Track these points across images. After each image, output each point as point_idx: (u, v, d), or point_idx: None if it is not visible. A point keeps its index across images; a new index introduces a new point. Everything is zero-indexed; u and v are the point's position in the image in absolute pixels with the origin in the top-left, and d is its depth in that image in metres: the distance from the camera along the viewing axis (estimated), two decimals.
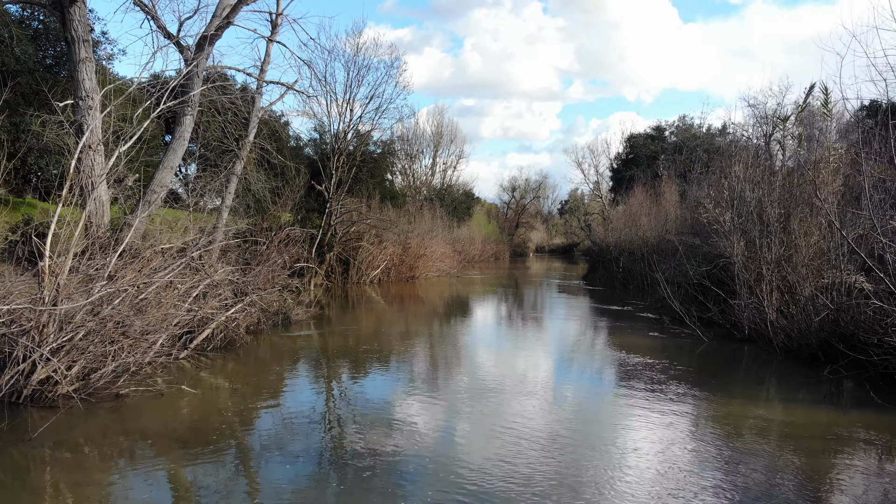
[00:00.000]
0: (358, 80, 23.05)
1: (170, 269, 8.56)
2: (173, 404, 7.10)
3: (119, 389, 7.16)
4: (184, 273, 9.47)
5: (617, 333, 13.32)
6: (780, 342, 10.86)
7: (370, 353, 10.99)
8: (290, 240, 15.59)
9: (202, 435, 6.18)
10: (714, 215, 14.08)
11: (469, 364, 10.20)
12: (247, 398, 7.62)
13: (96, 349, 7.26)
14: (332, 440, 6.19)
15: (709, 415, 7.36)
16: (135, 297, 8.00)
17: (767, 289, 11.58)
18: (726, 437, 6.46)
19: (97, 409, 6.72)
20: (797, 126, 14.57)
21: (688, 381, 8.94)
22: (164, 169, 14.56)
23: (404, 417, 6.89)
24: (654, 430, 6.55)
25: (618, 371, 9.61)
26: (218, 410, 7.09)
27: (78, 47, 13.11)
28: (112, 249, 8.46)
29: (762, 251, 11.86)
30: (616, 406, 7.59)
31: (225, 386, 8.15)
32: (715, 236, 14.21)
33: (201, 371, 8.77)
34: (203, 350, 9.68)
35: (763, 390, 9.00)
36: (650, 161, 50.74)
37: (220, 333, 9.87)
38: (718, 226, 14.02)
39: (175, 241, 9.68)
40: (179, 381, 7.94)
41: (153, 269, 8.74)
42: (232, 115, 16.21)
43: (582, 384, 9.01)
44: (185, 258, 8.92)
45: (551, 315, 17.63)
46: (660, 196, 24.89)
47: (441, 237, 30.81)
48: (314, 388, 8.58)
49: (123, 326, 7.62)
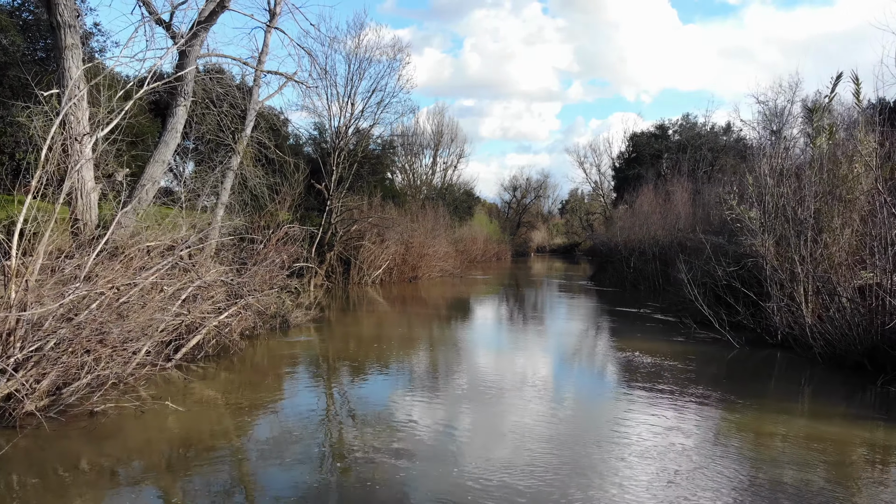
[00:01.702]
0: (359, 74, 22.22)
1: (155, 268, 7.70)
2: (155, 423, 6.25)
3: (94, 406, 6.30)
4: (172, 274, 8.62)
5: (639, 338, 12.47)
6: (819, 348, 10.03)
7: (374, 361, 10.15)
8: (288, 238, 14.74)
9: (185, 462, 5.33)
10: (739, 212, 13.28)
11: (482, 374, 9.35)
12: (239, 415, 6.77)
13: (69, 360, 6.40)
14: (336, 471, 5.34)
15: (753, 430, 6.52)
16: (115, 300, 7.15)
17: (803, 290, 10.76)
18: (777, 457, 5.62)
19: (67, 430, 5.87)
20: (825, 117, 13.73)
21: (723, 391, 8.11)
22: (155, 163, 13.69)
23: (418, 441, 6.04)
24: (692, 453, 5.71)
25: (645, 379, 8.77)
26: (206, 430, 6.25)
27: (64, 33, 12.24)
28: (91, 247, 7.61)
29: (797, 249, 11.02)
30: (645, 418, 6.75)
31: (215, 399, 7.29)
32: (739, 234, 13.41)
33: (190, 382, 7.92)
34: (193, 358, 8.83)
35: (808, 402, 8.16)
36: (654, 160, 50.05)
37: (211, 340, 9.02)
38: (743, 223, 13.22)
39: (163, 238, 8.82)
40: (165, 395, 7.10)
41: (137, 269, 7.89)
42: (228, 107, 15.37)
43: (607, 394, 8.15)
44: (173, 257, 8.06)
45: (565, 318, 16.77)
46: (671, 194, 24.07)
47: (444, 236, 29.97)
48: (314, 400, 7.73)
49: (101, 334, 6.77)
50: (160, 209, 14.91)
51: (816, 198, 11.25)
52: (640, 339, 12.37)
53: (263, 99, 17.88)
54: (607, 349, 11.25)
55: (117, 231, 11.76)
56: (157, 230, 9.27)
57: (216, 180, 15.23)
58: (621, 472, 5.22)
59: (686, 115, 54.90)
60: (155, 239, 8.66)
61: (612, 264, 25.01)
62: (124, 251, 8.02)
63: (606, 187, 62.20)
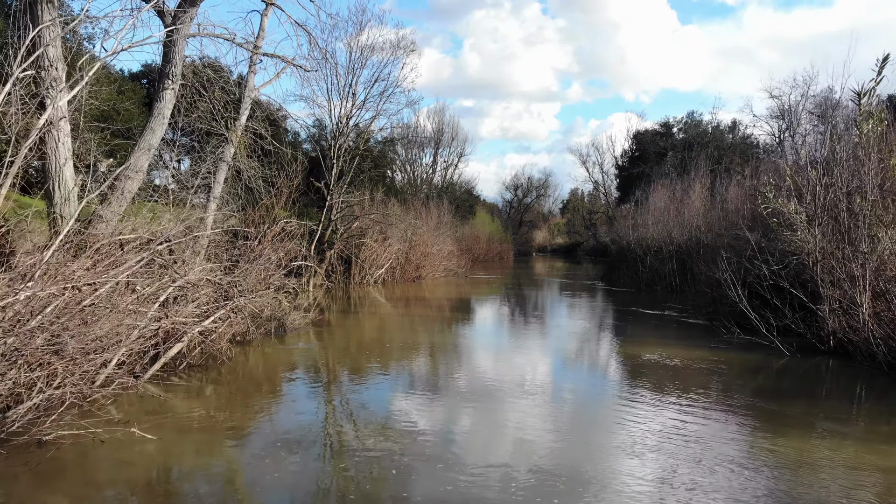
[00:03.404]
0: (361, 63, 21.04)
1: (126, 265, 6.51)
2: (117, 456, 5.06)
3: (43, 434, 5.12)
4: (149, 272, 7.44)
5: (673, 345, 11.28)
6: (884, 357, 8.89)
7: (382, 373, 8.97)
8: (285, 234, 13.56)
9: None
10: (777, 206, 12.13)
11: (504, 389, 8.18)
12: (221, 444, 5.59)
13: (16, 376, 5.23)
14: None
15: (836, 459, 5.36)
16: (76, 302, 5.97)
17: (862, 292, 9.61)
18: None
19: (5, 466, 4.69)
20: (872, 100, 12.57)
21: (783, 407, 6.95)
22: (140, 151, 12.47)
23: (451, 492, 4.87)
24: (758, 488, 4.55)
25: (690, 394, 7.60)
26: (178, 466, 5.06)
27: (41, 9, 11.05)
28: (51, 241, 6.44)
29: (856, 245, 9.87)
30: (697, 438, 5.59)
31: (196, 422, 6.11)
32: (778, 230, 12.28)
33: (168, 400, 6.74)
34: (175, 369, 7.65)
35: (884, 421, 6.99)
36: (659, 158, 48.99)
37: (196, 348, 7.84)
38: (784, 218, 12.10)
39: (140, 230, 7.63)
40: (136, 417, 5.92)
41: (107, 266, 6.70)
42: (220, 91, 14.19)
43: (650, 411, 6.97)
44: (148, 252, 6.88)
45: (587, 321, 15.50)
46: (689, 189, 22.93)
47: (449, 234, 28.80)
48: (313, 425, 6.54)
49: (57, 343, 5.59)
50: (147, 205, 13.63)
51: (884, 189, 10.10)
52: (677, 345, 11.18)
53: (260, 86, 16.70)
54: (644, 357, 10.09)
55: (97, 225, 10.61)
56: (135, 222, 8.08)
57: (207, 170, 14.03)
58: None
59: (691, 112, 54.00)
60: (131, 232, 7.46)
61: (627, 263, 23.84)
62: (92, 245, 6.83)
63: (609, 186, 61.24)
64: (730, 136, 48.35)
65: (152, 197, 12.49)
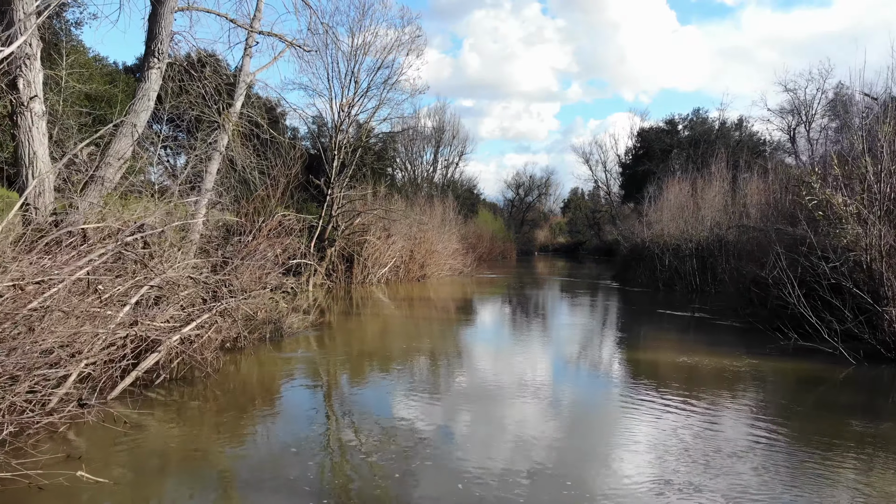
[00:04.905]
0: (364, 48, 19.84)
1: (87, 259, 5.32)
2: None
3: None
4: (122, 269, 6.26)
5: (720, 352, 10.00)
6: None
7: (392, 386, 7.79)
8: (283, 229, 12.36)
9: None
10: (827, 197, 11.01)
11: (533, 407, 7.00)
12: (199, 485, 4.41)
13: None
14: None
15: None
16: (21, 305, 4.79)
17: None
18: None
19: None
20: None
21: (869, 425, 5.80)
22: (123, 136, 11.29)
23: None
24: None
25: (762, 414, 6.44)
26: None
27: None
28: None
29: None
30: (772, 466, 4.44)
31: (168, 455, 4.93)
32: (826, 224, 11.15)
33: (141, 423, 5.55)
34: (150, 383, 6.47)
35: None
36: (664, 155, 47.89)
37: (177, 358, 6.64)
38: (832, 211, 10.98)
39: (110, 219, 6.44)
40: (92, 450, 4.73)
41: (66, 261, 5.52)
42: (211, 72, 13.00)
43: (715, 428, 5.80)
44: (114, 244, 5.69)
45: (614, 325, 14.13)
46: (708, 185, 21.76)
47: (455, 232, 27.61)
48: (311, 451, 5.36)
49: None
50: (131, 199, 12.33)
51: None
52: (723, 352, 9.94)
53: (256, 70, 15.50)
54: (691, 367, 8.93)
55: (67, 218, 9.42)
56: (106, 210, 6.89)
57: (199, 158, 12.84)
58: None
59: (696, 109, 53.01)
60: (97, 219, 6.27)
61: (644, 262, 22.66)
62: (50, 237, 5.64)
63: (613, 184, 60.14)
64: (736, 134, 47.40)
65: (134, 186, 11.29)
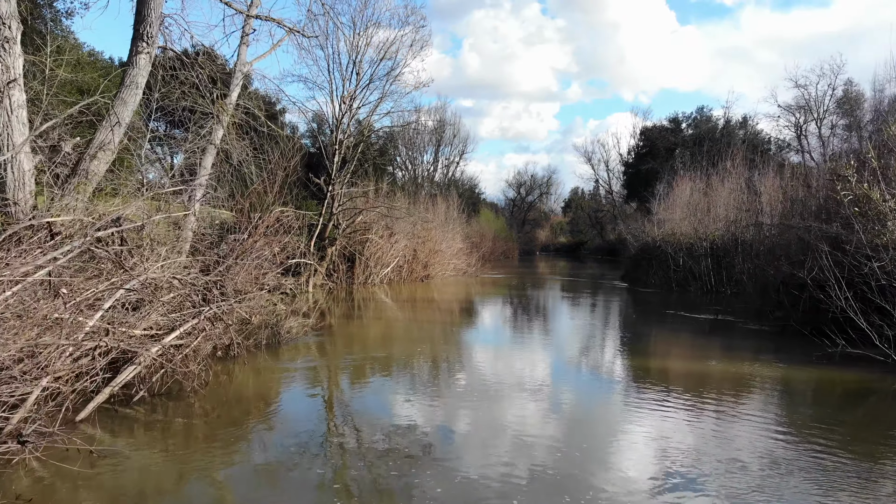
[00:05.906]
0: (366, 38, 19.06)
1: (49, 258, 4.54)
2: None
3: None
4: (96, 270, 5.47)
5: (757, 358, 9.19)
6: None
7: (396, 394, 7.01)
8: (281, 226, 11.60)
9: None
10: (865, 191, 10.28)
11: (552, 424, 6.22)
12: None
13: None
14: None
15: None
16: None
17: None
18: None
19: None
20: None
21: None
22: (109, 126, 10.53)
23: None
24: None
25: (822, 437, 5.67)
26: None
27: None
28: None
29: None
30: None
31: (144, 490, 4.16)
32: (864, 220, 10.39)
33: (116, 446, 4.78)
34: (129, 399, 5.69)
35: None
36: (668, 154, 47.17)
37: (159, 370, 5.86)
38: (868, 207, 10.25)
39: (79, 213, 5.66)
40: (48, 487, 3.96)
41: (21, 260, 4.73)
42: (206, 60, 12.21)
43: (776, 450, 5.02)
44: (81, 241, 4.91)
45: (632, 329, 13.16)
46: (723, 181, 20.98)
47: (458, 231, 26.84)
48: (309, 482, 4.58)
49: None
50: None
51: None
52: (759, 359, 9.15)
53: (253, 59, 14.72)
54: (732, 379, 8.16)
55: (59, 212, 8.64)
56: (78, 202, 6.10)
57: (191, 150, 12.07)
58: None
59: (700, 108, 52.44)
60: (62, 211, 5.49)
61: (656, 261, 21.88)
62: (8, 232, 4.86)
63: (615, 183, 59.41)
64: (741, 132, 46.81)
65: (120, 180, 10.50)
